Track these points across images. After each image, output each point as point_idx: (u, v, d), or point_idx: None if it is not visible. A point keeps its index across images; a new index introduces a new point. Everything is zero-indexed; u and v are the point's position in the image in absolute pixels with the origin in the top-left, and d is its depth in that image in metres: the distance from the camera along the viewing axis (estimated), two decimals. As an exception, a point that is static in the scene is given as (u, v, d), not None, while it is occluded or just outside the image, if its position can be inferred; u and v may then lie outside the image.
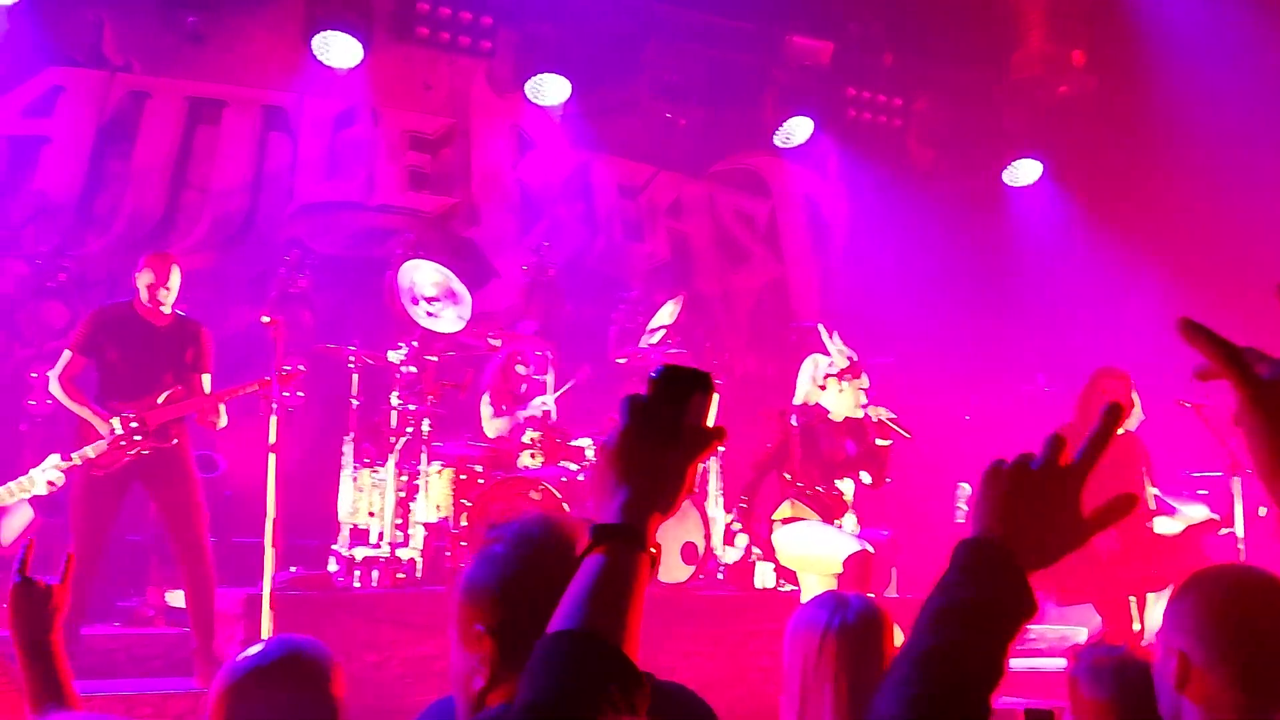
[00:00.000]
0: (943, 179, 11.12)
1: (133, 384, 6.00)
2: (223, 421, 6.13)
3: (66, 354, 6.06)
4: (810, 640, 2.57)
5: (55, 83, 8.70)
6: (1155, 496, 6.57)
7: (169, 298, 6.11)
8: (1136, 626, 6.04)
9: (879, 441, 6.51)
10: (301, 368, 6.21)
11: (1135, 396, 6.68)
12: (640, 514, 1.33)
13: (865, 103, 10.61)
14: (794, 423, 6.51)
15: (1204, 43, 9.08)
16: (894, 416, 6.51)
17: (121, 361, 6.04)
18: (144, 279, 6.10)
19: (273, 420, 5.72)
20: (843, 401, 6.54)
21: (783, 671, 2.61)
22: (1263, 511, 6.58)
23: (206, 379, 6.18)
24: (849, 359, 6.55)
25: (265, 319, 5.94)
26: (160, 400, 5.99)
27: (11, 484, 5.39)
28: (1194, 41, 9.08)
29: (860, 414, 6.53)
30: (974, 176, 11.09)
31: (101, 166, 8.84)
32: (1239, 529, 6.45)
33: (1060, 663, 6.73)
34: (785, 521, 6.44)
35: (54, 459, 5.46)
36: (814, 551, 6.29)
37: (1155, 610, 6.32)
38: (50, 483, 5.38)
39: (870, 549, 6.11)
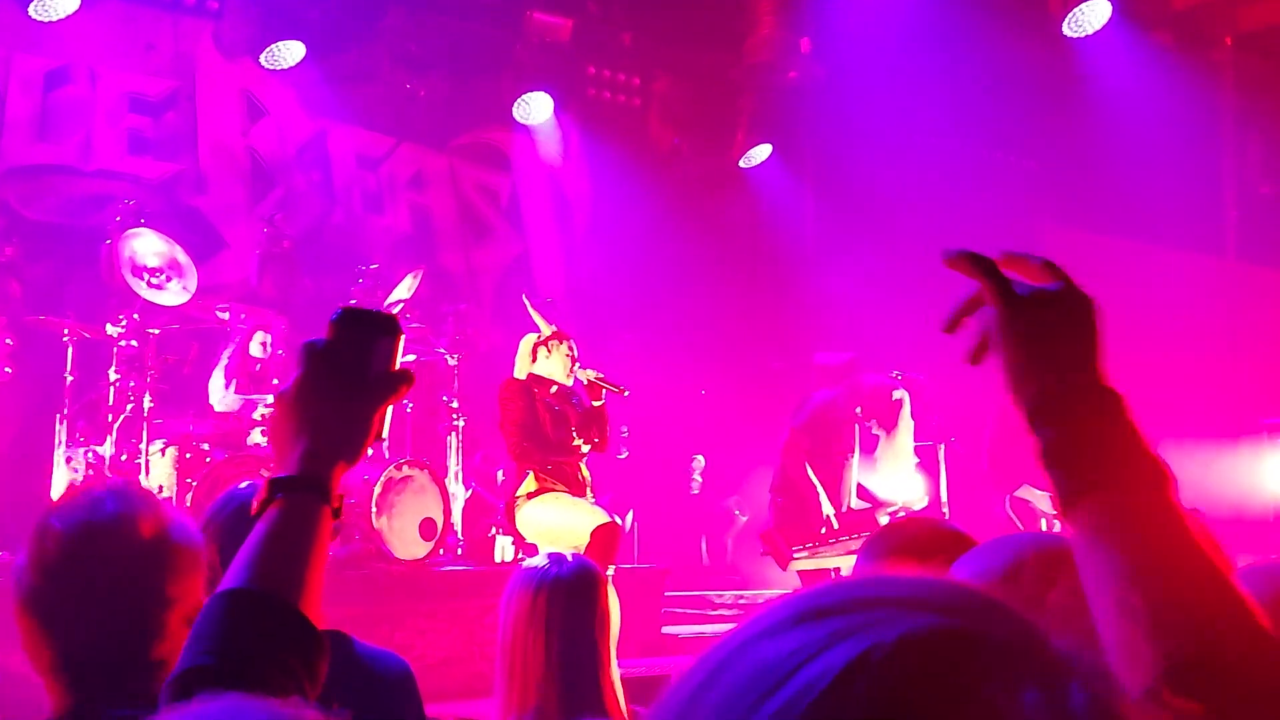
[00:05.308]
0: (683, 159, 11.35)
1: None
2: None
3: None
4: (525, 595, 2.62)
5: None
6: (859, 485, 6.89)
7: None
8: None
9: (594, 404, 6.60)
10: (9, 341, 5.81)
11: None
12: (322, 464, 1.27)
13: (605, 81, 10.67)
14: (533, 394, 6.52)
15: (920, 34, 9.62)
16: (602, 375, 6.61)
17: None
18: None
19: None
20: (555, 367, 6.61)
21: (499, 628, 2.64)
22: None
23: None
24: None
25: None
26: None
27: None
28: (910, 32, 9.61)
29: (571, 381, 6.62)
30: (712, 158, 11.37)
31: None
32: (943, 494, 6.90)
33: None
34: (530, 496, 6.41)
35: None
36: (561, 524, 6.28)
37: None
38: None
39: (619, 521, 6.20)
